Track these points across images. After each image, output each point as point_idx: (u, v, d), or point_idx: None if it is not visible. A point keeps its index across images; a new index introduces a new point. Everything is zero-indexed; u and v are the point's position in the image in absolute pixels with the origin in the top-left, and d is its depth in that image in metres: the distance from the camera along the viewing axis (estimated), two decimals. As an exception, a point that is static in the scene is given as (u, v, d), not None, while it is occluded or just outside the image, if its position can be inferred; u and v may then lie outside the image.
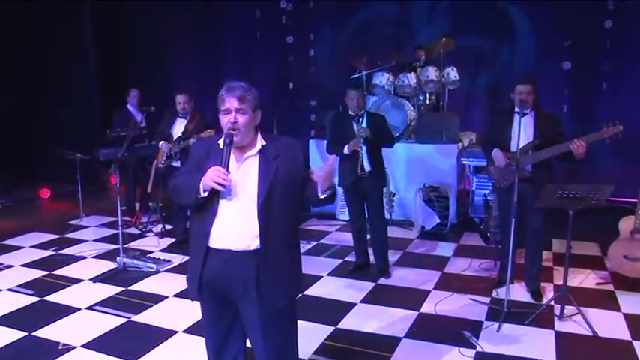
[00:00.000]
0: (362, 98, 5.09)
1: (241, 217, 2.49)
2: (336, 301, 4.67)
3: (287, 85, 9.45)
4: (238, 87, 2.52)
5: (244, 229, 2.49)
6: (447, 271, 5.34)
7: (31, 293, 4.91)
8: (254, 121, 2.56)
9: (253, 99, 2.53)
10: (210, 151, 2.61)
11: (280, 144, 2.63)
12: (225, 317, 2.66)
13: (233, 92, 2.50)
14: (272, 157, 2.56)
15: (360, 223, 5.30)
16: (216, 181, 2.40)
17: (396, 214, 6.98)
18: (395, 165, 6.95)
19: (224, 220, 2.51)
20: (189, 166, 2.70)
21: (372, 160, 5.06)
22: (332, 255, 5.90)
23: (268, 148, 2.58)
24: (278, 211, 2.52)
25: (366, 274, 5.25)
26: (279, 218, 2.53)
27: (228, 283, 2.54)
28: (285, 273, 2.60)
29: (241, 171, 2.54)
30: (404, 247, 6.11)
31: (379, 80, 7.46)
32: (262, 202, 2.49)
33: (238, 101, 2.49)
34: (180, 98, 5.85)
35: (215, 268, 2.54)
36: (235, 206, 2.50)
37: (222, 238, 2.51)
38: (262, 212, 2.48)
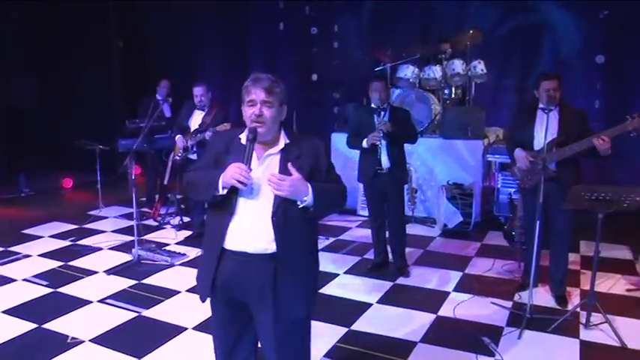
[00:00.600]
0: (385, 91, 4.91)
1: (259, 218, 2.35)
2: (352, 301, 4.53)
3: (310, 77, 9.30)
4: (266, 78, 2.39)
5: (261, 231, 2.35)
6: (469, 272, 5.15)
7: (45, 284, 4.89)
8: (280, 116, 2.43)
9: (281, 92, 2.41)
10: (230, 145, 2.48)
11: (304, 144, 2.48)
12: (237, 321, 2.52)
13: (260, 83, 2.37)
14: (294, 156, 2.41)
15: (379, 220, 5.15)
16: (237, 178, 2.27)
17: (418, 211, 6.80)
18: (418, 160, 6.76)
19: (241, 221, 2.37)
20: (206, 160, 2.56)
21: (392, 156, 4.89)
22: (350, 252, 5.75)
23: (291, 146, 2.45)
24: (296, 214, 2.36)
25: (384, 272, 5.09)
26: (298, 222, 2.38)
27: (243, 287, 2.40)
28: (304, 281, 2.48)
29: (262, 169, 2.40)
30: (425, 245, 5.93)
31: (404, 73, 7.26)
32: (279, 204, 2.34)
33: (265, 93, 2.36)
34: (198, 90, 5.76)
35: (230, 271, 2.40)
36: (253, 206, 2.37)
37: (238, 239, 2.37)
38: (278, 215, 2.34)
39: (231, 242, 2.38)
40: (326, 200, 2.44)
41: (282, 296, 2.37)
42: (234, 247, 2.38)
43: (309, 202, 2.34)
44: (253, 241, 2.35)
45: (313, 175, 2.42)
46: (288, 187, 2.29)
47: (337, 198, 2.57)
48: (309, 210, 2.36)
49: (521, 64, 7.91)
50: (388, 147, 4.87)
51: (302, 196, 2.33)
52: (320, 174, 2.46)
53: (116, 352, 3.70)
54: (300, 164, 2.38)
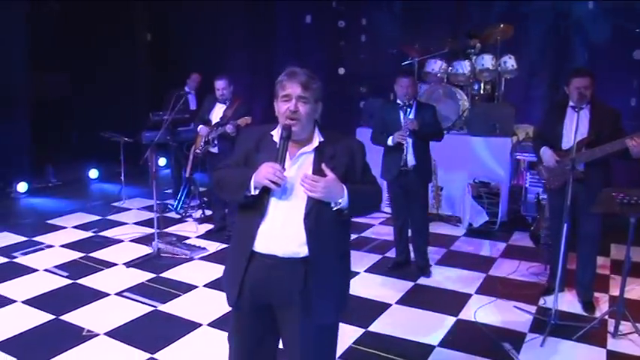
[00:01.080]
0: (412, 87, 4.76)
1: (291, 220, 2.25)
2: (371, 300, 4.43)
3: (337, 70, 9.18)
4: (302, 73, 2.28)
5: (292, 234, 2.24)
6: (492, 273, 4.99)
7: (65, 275, 4.92)
8: (315, 113, 2.31)
9: (317, 88, 2.29)
10: (260, 142, 2.37)
11: (340, 143, 2.36)
12: (259, 326, 2.40)
13: (296, 78, 2.25)
14: (329, 156, 2.30)
15: (402, 218, 5.03)
16: (270, 178, 2.17)
17: (443, 209, 6.64)
18: (444, 157, 6.58)
19: (272, 222, 2.27)
20: (235, 157, 2.45)
21: (417, 153, 4.77)
22: (372, 250, 5.64)
23: (326, 145, 2.32)
24: (330, 216, 2.25)
25: (405, 272, 4.98)
26: (331, 225, 2.27)
27: (272, 291, 2.30)
28: (335, 286, 2.37)
29: (295, 168, 2.29)
30: (448, 244, 5.79)
31: (431, 68, 7.10)
32: (312, 205, 2.23)
33: (302, 88, 2.24)
34: (220, 84, 5.70)
35: (259, 275, 2.29)
36: (285, 207, 2.26)
37: (268, 241, 2.27)
38: (311, 217, 2.23)
39: (261, 245, 2.28)
40: (361, 202, 2.34)
41: (312, 302, 2.27)
42: (264, 249, 2.27)
43: (344, 205, 2.23)
44: (284, 244, 2.25)
45: (348, 175, 2.31)
46: (322, 189, 2.19)
47: (373, 200, 2.48)
48: (344, 212, 2.26)
49: (554, 59, 7.64)
50: (414, 145, 4.75)
51: (336, 197, 2.22)
52: (355, 174, 2.34)
53: (129, 347, 3.69)
54: (334, 164, 2.28)
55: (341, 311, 2.44)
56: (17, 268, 5.11)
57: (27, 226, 6.33)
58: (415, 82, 4.82)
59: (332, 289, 2.34)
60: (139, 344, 3.71)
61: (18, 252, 5.49)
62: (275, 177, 2.17)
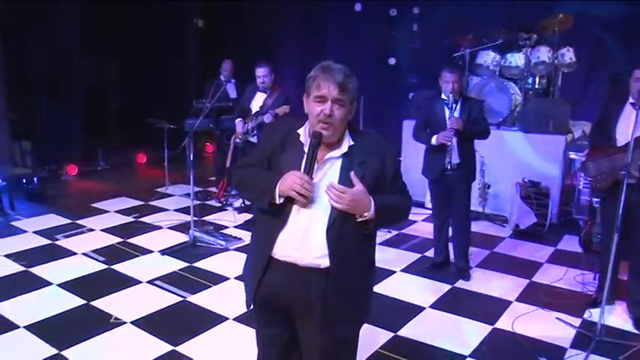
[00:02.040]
0: (458, 82, 4.49)
1: (313, 229, 2.09)
2: (404, 302, 4.25)
3: (387, 60, 8.93)
4: (338, 70, 2.07)
5: (314, 244, 2.09)
6: (536, 280, 4.70)
7: (101, 260, 4.98)
8: (349, 114, 2.13)
9: (354, 89, 2.09)
10: (286, 140, 2.19)
11: (371, 147, 2.18)
12: (284, 329, 2.28)
13: (333, 76, 2.05)
14: (358, 162, 2.12)
15: (442, 217, 4.81)
16: (297, 190, 2.02)
17: (490, 208, 6.34)
18: (493, 154, 6.27)
19: (293, 231, 2.12)
20: (260, 155, 2.29)
21: (461, 152, 4.52)
22: (411, 248, 5.44)
23: (356, 150, 2.14)
24: (355, 228, 2.10)
25: (442, 273, 4.76)
26: (356, 236, 2.13)
27: (290, 300, 2.17)
28: (357, 299, 2.22)
29: (320, 174, 2.12)
30: (492, 245, 5.51)
31: (483, 60, 6.78)
32: (336, 216, 2.07)
33: (339, 89, 2.04)
34: (260, 71, 5.60)
35: (276, 282, 2.16)
36: (308, 215, 2.10)
37: (288, 249, 2.13)
38: (334, 228, 2.08)
39: (281, 252, 2.14)
40: (389, 216, 2.22)
41: (332, 314, 2.13)
42: (284, 257, 2.14)
43: (370, 218, 2.08)
44: (305, 254, 2.10)
45: (378, 183, 2.15)
46: (349, 202, 2.03)
47: (401, 213, 2.33)
48: (369, 225, 2.11)
49: (617, 52, 7.15)
50: (459, 143, 4.50)
51: (363, 210, 2.06)
52: (385, 183, 2.18)
53: (153, 337, 3.67)
54: (364, 171, 2.11)
55: (362, 323, 2.30)
56: (58, 250, 5.21)
57: (72, 208, 6.46)
58: (461, 76, 4.57)
59: (353, 302, 2.20)
60: (163, 335, 3.68)
61: (60, 234, 5.61)
62: (303, 190, 2.02)
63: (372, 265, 2.32)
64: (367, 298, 2.31)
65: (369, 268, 2.30)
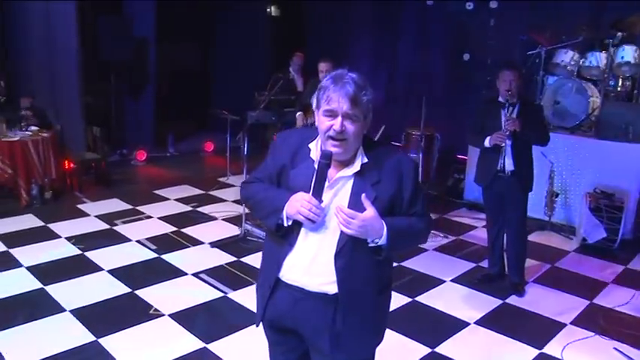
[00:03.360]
0: (516, 82, 4.19)
1: (321, 253, 1.97)
2: (447, 316, 4.05)
3: (462, 56, 8.55)
4: (351, 81, 1.88)
5: (322, 270, 1.97)
6: (598, 302, 4.33)
7: (153, 249, 5.09)
8: (363, 130, 1.94)
9: (368, 102, 1.90)
10: (297, 155, 2.03)
11: (387, 164, 1.98)
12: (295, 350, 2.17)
13: (344, 88, 1.87)
14: (371, 182, 1.95)
15: (497, 226, 4.53)
16: (304, 214, 1.88)
17: (557, 217, 5.94)
18: (565, 160, 5.88)
19: (301, 255, 2.00)
20: (269, 170, 2.12)
21: (517, 157, 4.24)
22: (465, 256, 5.18)
23: (370, 168, 1.96)
24: (366, 253, 1.96)
25: (495, 287, 4.49)
26: (367, 262, 1.98)
27: (298, 323, 2.06)
28: (369, 324, 2.08)
29: (330, 195, 1.96)
30: (554, 259, 5.15)
31: (561, 59, 6.34)
32: (345, 241, 1.93)
33: (350, 103, 1.86)
34: (323, 66, 5.48)
35: (283, 306, 2.06)
36: (316, 240, 1.97)
37: (295, 273, 2.01)
38: (343, 254, 1.94)
39: (288, 275, 2.02)
40: (403, 242, 2.04)
41: (340, 341, 2.02)
42: (291, 280, 2.02)
43: (382, 244, 1.93)
44: (312, 279, 1.98)
45: (394, 204, 1.98)
46: (358, 227, 1.87)
47: (417, 238, 2.14)
48: (381, 251, 1.96)
49: None
50: (514, 148, 4.22)
51: (374, 236, 1.91)
52: (402, 204, 2.00)
53: (187, 333, 3.69)
54: (378, 192, 1.94)
55: (376, 346, 2.16)
56: (114, 236, 5.39)
57: (135, 194, 6.67)
58: (521, 76, 4.23)
59: (364, 327, 2.06)
60: (197, 331, 3.70)
61: (120, 220, 5.80)
62: (310, 213, 1.88)
63: (386, 288, 2.16)
64: (381, 321, 2.17)
65: (384, 291, 2.14)
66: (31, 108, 6.54)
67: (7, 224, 5.55)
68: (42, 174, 6.17)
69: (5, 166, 5.94)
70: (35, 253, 4.90)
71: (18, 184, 6.02)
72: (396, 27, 9.30)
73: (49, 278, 4.42)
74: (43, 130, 6.38)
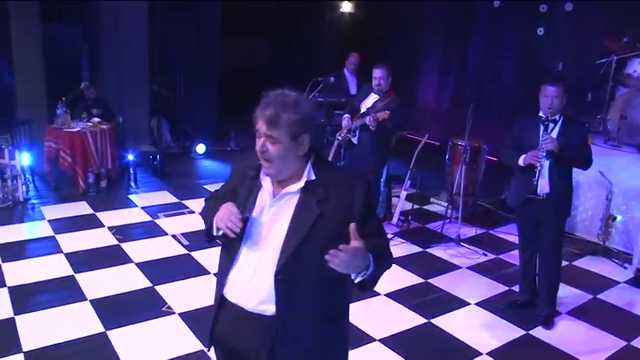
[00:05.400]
0: (559, 98, 3.84)
1: (260, 272, 1.91)
2: (460, 343, 3.82)
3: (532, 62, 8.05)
4: (275, 103, 1.82)
5: (260, 288, 1.91)
6: (637, 344, 3.92)
7: (185, 245, 5.21)
8: (295, 150, 1.86)
9: (293, 123, 1.81)
10: (245, 175, 2.00)
11: (337, 182, 1.91)
12: None
13: (266, 109, 1.82)
14: (317, 199, 1.87)
15: (529, 251, 4.23)
16: (226, 224, 1.86)
17: (614, 242, 5.46)
18: (628, 180, 5.39)
19: (241, 271, 1.96)
20: (224, 188, 2.17)
21: (553, 180, 3.91)
22: (500, 278, 4.86)
23: (316, 185, 1.89)
24: (311, 273, 1.87)
25: (523, 315, 4.19)
26: (313, 284, 1.91)
27: (240, 344, 2.01)
28: (314, 351, 1.98)
29: (274, 211, 1.92)
30: (598, 289, 4.72)
31: (634, 69, 5.81)
32: (285, 260, 1.86)
33: (267, 125, 1.82)
34: (377, 72, 5.31)
35: (227, 324, 2.03)
36: (257, 257, 1.93)
37: (236, 291, 1.97)
38: (284, 273, 1.87)
39: (230, 292, 2.00)
40: (381, 272, 1.90)
41: None
42: (233, 298, 1.99)
43: (366, 277, 1.81)
44: (250, 298, 1.93)
45: (343, 224, 1.80)
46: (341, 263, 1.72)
47: (389, 264, 1.99)
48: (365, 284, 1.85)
49: None
50: (552, 169, 3.89)
51: (358, 269, 1.80)
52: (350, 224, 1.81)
53: (190, 334, 3.74)
54: (323, 210, 1.86)
55: None
56: (153, 229, 5.57)
57: (184, 187, 6.86)
58: (564, 92, 3.89)
59: (308, 354, 1.97)
60: (202, 334, 3.71)
61: (163, 213, 5.99)
62: (231, 223, 1.84)
63: (339, 316, 2.04)
64: (332, 356, 2.07)
65: (336, 319, 2.02)
66: (96, 99, 6.91)
67: (60, 210, 5.90)
68: (98, 164, 6.50)
69: (65, 155, 6.31)
70: (77, 240, 5.17)
71: (76, 172, 6.37)
72: (468, 29, 8.93)
73: (82, 266, 4.65)
74: (105, 121, 6.71)
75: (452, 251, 5.30)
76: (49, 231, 5.36)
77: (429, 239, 5.55)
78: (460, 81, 9.20)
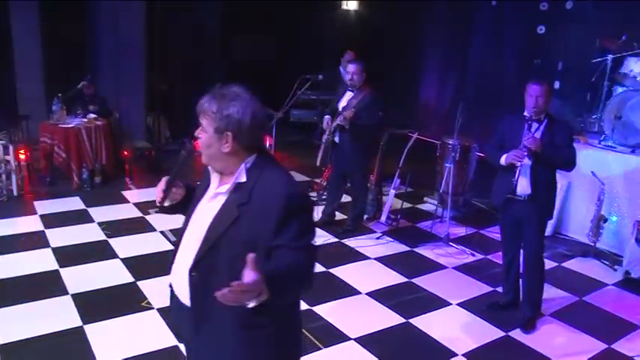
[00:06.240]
0: (544, 97, 3.77)
1: (185, 264, 1.93)
2: (436, 343, 3.79)
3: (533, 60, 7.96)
4: (212, 93, 1.88)
5: (182, 278, 1.94)
6: (618, 347, 3.85)
7: (172, 240, 5.21)
8: (219, 145, 1.87)
9: (215, 116, 1.84)
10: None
11: (262, 185, 1.86)
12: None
13: (200, 101, 1.90)
14: (239, 202, 1.85)
15: (511, 253, 4.18)
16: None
17: (605, 243, 5.39)
18: (619, 181, 5.32)
19: (178, 261, 2.01)
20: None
21: (535, 181, 3.84)
22: (486, 278, 4.81)
23: (243, 187, 1.87)
24: (223, 277, 1.74)
25: (504, 316, 4.14)
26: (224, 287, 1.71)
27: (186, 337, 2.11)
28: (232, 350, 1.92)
29: (209, 207, 1.94)
30: (585, 292, 4.66)
31: (630, 69, 5.70)
32: (199, 258, 1.87)
33: (199, 115, 1.90)
34: (351, 68, 5.31)
35: (173, 314, 2.12)
36: (185, 247, 1.99)
37: (174, 280, 2.03)
38: (198, 270, 1.87)
39: (173, 281, 2.04)
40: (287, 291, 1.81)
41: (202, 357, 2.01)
42: (174, 287, 2.04)
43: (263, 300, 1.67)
44: (180, 288, 1.97)
45: (257, 231, 1.80)
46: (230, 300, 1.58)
47: (302, 281, 1.85)
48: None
49: None
50: (533, 169, 3.83)
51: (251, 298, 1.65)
52: (264, 233, 1.79)
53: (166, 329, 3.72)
54: (242, 214, 1.82)
55: None
56: (142, 224, 5.60)
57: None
58: (549, 92, 3.83)
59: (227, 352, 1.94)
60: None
61: (154, 209, 5.98)
62: (158, 192, 2.04)
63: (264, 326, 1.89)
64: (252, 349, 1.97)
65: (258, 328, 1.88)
66: (93, 95, 6.95)
67: (53, 205, 5.95)
68: (93, 159, 6.54)
69: (60, 150, 6.37)
70: (66, 235, 5.21)
71: (70, 167, 6.42)
72: (468, 28, 8.86)
73: (67, 261, 4.68)
74: (100, 117, 6.75)
75: (440, 251, 5.26)
76: (39, 225, 5.40)
77: (418, 238, 5.51)
78: (461, 80, 9.13)
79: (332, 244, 5.34)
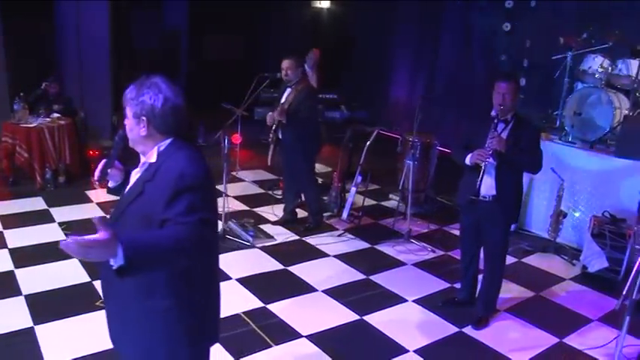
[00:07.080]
0: (511, 95, 3.73)
1: None
2: (388, 339, 3.80)
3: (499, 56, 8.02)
4: (133, 86, 2.07)
5: None
6: (569, 341, 3.90)
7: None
8: (138, 130, 2.04)
9: (135, 105, 2.03)
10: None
11: (165, 164, 1.99)
12: None
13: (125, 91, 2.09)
14: (144, 180, 2.02)
15: (470, 255, 4.17)
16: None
17: (565, 238, 5.46)
18: (580, 177, 5.39)
19: None
20: None
21: (500, 182, 3.80)
22: (445, 275, 4.83)
23: (152, 167, 2.03)
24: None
25: (459, 313, 4.16)
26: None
27: None
28: (134, 327, 2.09)
29: (130, 184, 2.16)
30: (543, 287, 4.71)
31: (589, 65, 5.76)
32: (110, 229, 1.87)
33: (124, 103, 2.09)
34: (284, 64, 5.29)
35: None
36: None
37: None
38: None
39: None
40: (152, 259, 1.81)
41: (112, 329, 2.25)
42: None
43: (121, 264, 1.69)
44: None
45: (150, 207, 1.94)
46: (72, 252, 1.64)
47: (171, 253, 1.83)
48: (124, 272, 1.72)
49: None
50: (497, 170, 3.78)
51: (106, 257, 1.69)
52: (156, 210, 1.90)
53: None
54: (146, 190, 1.99)
55: None
56: (104, 224, 5.53)
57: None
58: (517, 90, 3.80)
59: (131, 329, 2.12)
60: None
61: (117, 208, 5.94)
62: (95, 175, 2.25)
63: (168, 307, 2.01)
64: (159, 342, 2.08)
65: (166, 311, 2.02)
66: (57, 95, 6.87)
67: (14, 205, 5.87)
68: (56, 159, 6.47)
69: (22, 150, 6.28)
70: (24, 235, 5.14)
71: (33, 167, 6.34)
72: (437, 27, 8.93)
73: (24, 261, 4.63)
74: (65, 117, 6.68)
75: (400, 247, 5.28)
76: (-2, 226, 5.34)
77: (379, 235, 5.52)
78: (431, 79, 9.19)
79: (292, 242, 5.34)
